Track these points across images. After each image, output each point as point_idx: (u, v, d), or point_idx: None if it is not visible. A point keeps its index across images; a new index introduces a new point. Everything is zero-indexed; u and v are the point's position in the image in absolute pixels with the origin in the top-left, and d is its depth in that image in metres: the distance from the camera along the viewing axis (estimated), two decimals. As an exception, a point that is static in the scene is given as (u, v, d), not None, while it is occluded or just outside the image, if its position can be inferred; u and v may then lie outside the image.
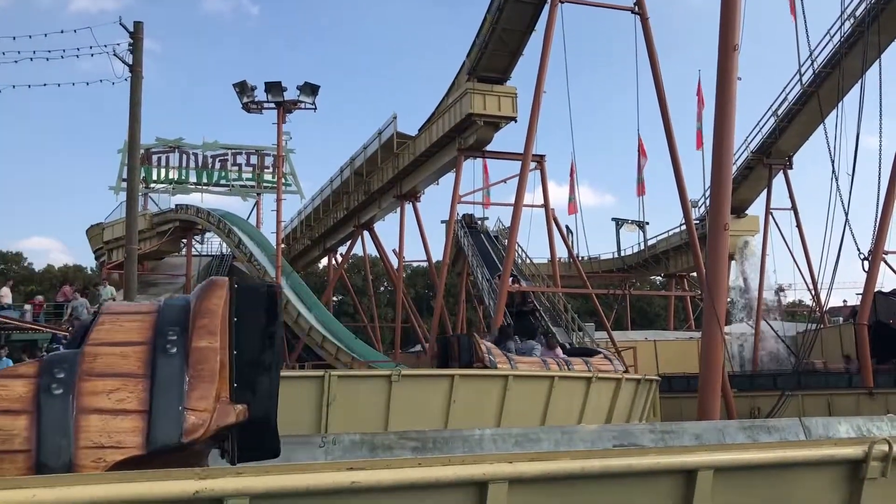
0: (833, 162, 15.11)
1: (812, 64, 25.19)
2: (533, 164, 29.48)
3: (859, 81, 17.04)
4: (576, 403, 12.89)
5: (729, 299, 33.54)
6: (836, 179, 14.76)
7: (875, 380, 24.12)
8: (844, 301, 44.41)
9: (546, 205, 32.80)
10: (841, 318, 36.79)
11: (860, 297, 27.29)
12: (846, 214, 14.99)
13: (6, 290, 27.13)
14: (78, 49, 20.41)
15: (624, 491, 3.17)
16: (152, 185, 48.96)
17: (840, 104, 16.94)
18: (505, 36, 29.25)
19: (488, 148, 31.24)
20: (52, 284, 60.21)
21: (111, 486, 2.52)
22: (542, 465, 2.99)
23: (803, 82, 29.86)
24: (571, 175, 41.10)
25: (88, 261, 70.10)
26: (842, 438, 3.82)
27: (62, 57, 20.46)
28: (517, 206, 26.62)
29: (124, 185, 39.29)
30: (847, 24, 25.56)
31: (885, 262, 26.47)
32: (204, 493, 2.59)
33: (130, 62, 19.34)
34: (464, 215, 36.82)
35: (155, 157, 49.28)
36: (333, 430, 10.02)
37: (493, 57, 30.03)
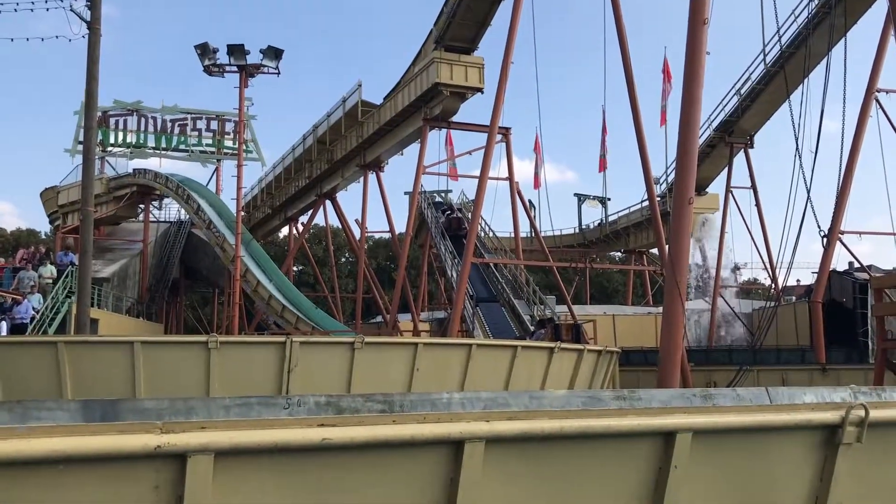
0: (797, 140, 15.26)
1: (779, 40, 25.34)
2: (498, 137, 29.37)
3: (823, 61, 17.19)
4: (538, 373, 12.92)
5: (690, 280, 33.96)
6: (800, 157, 14.92)
7: (827, 356, 24.65)
8: (798, 280, 45.24)
9: (511, 178, 32.77)
10: (794, 297, 37.48)
11: (815, 275, 27.79)
12: (808, 192, 15.18)
13: None
14: (33, 3, 19.66)
15: (602, 452, 3.10)
16: (110, 148, 47.84)
17: (805, 83, 17.10)
18: (473, 5, 28.95)
19: (454, 119, 31.02)
20: (3, 248, 58.82)
21: (68, 440, 2.37)
22: (519, 425, 2.90)
23: (767, 62, 30.11)
24: (536, 149, 41.15)
25: (42, 225, 68.65)
26: (819, 403, 3.80)
27: (16, 10, 19.71)
28: (482, 178, 26.53)
29: (80, 147, 38.38)
30: (813, 4, 25.75)
31: (842, 242, 26.95)
32: (166, 449, 2.46)
33: (88, 19, 18.70)
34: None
35: (113, 120, 48.12)
36: (295, 396, 9.89)
37: (460, 26, 29.72)
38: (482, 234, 32.83)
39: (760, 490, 3.42)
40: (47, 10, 18.77)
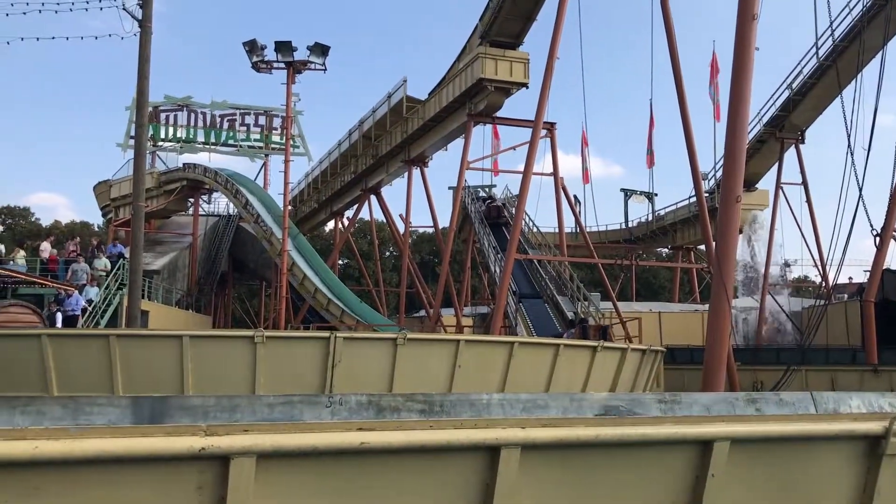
0: (849, 136, 14.91)
1: (832, 34, 24.74)
2: (543, 132, 29.20)
3: (878, 56, 16.79)
4: (580, 372, 12.87)
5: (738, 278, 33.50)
6: (852, 154, 14.58)
7: (879, 357, 24.06)
8: (850, 278, 44.22)
9: (555, 173, 32.58)
10: (846, 295, 36.67)
11: (867, 273, 27.16)
12: (860, 190, 14.84)
13: (22, 253, 27.44)
14: (87, 2, 20.14)
15: (639, 460, 3.11)
16: (160, 142, 48.73)
17: (858, 78, 16.69)
18: (519, 0, 28.82)
19: (498, 114, 30.94)
20: (58, 240, 60.34)
21: (117, 441, 2.46)
22: (555, 432, 2.92)
23: (819, 56, 29.45)
24: (583, 144, 40.88)
25: (95, 217, 70.27)
26: (862, 413, 3.75)
27: (71, 10, 20.21)
28: (526, 173, 26.39)
29: (132, 142, 39.17)
30: (868, -3, 25.08)
31: (896, 240, 26.26)
32: (210, 451, 2.54)
33: (140, 17, 19.08)
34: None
35: (163, 115, 48.95)
36: (338, 391, 10.02)
37: (505, 21, 29.59)
38: (526, 230, 32.72)
39: (800, 500, 3.40)
40: (101, 9, 19.18)
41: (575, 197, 42.69)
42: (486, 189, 42.36)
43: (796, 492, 3.37)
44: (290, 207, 34.10)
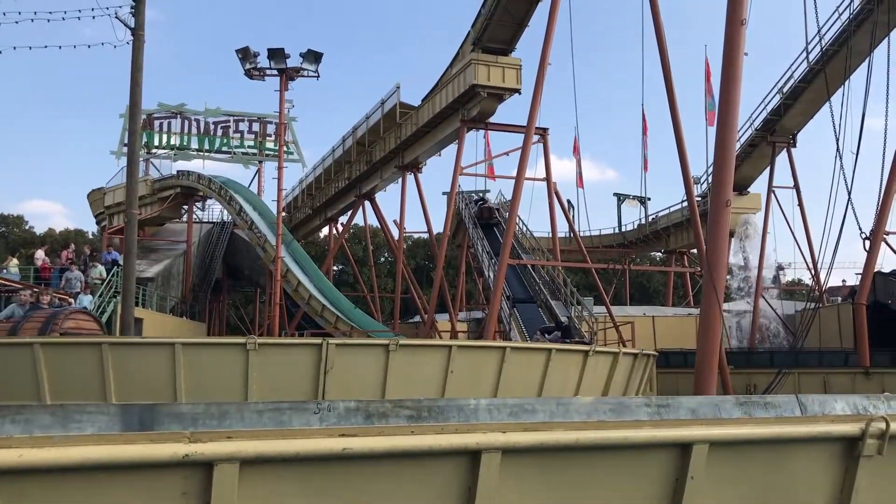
0: (838, 140, 15.03)
1: (820, 41, 24.89)
2: (536, 138, 29.29)
3: (867, 60, 16.92)
4: (572, 376, 12.91)
5: (728, 276, 33.64)
6: (841, 158, 14.70)
7: (871, 359, 24.18)
8: (843, 281, 44.44)
9: (548, 178, 32.66)
10: (839, 298, 36.81)
11: (860, 276, 27.29)
12: (849, 193, 14.96)
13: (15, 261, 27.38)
14: (80, 11, 20.13)
15: (618, 463, 3.15)
16: (154, 150, 48.78)
17: (846, 83, 16.82)
18: (510, 6, 28.95)
19: (491, 120, 31.04)
20: (53, 248, 60.16)
21: (101, 448, 2.50)
22: (535, 436, 2.97)
23: (810, 60, 29.62)
24: (575, 151, 41.02)
25: (90, 225, 70.13)
26: (838, 415, 3.80)
27: (63, 19, 20.25)
28: (519, 178, 26.47)
29: (125, 149, 39.18)
30: (856, 2, 25.27)
31: (886, 243, 26.40)
32: (194, 457, 2.57)
33: (133, 25, 19.11)
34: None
35: (157, 123, 49.03)
36: (330, 398, 10.04)
37: (498, 27, 29.73)
38: (519, 234, 32.79)
39: (780, 501, 3.44)
40: (93, 17, 19.18)
41: (568, 201, 42.89)
42: (480, 194, 42.49)
43: (775, 493, 3.42)
44: (284, 214, 34.14)
